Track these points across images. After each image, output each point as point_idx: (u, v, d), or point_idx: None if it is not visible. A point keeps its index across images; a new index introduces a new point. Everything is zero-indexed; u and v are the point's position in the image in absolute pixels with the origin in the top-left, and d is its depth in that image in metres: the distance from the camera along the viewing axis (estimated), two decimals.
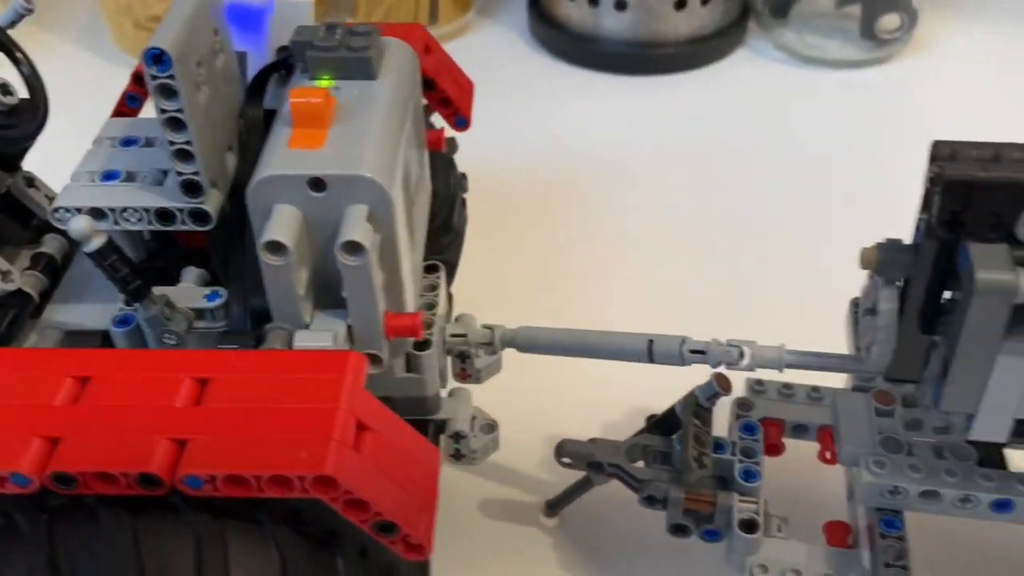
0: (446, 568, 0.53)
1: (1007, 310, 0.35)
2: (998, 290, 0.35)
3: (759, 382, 0.52)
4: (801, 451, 0.51)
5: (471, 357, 0.53)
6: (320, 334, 0.38)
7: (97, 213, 0.41)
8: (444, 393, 0.50)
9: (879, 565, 0.41)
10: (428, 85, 0.55)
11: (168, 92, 0.38)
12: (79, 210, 0.40)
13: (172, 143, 0.39)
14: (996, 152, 0.35)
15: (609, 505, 0.56)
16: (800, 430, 0.50)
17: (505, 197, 0.80)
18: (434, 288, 0.50)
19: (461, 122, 0.57)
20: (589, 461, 0.49)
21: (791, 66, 0.98)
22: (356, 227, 0.37)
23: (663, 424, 0.49)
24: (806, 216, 0.77)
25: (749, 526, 0.44)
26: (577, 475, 0.53)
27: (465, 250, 0.68)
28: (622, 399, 0.59)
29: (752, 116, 0.91)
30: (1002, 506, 0.41)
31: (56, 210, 0.41)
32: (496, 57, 1.01)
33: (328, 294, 0.40)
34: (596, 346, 0.47)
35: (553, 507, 0.56)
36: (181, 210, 0.41)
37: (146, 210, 0.41)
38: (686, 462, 0.45)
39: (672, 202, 0.80)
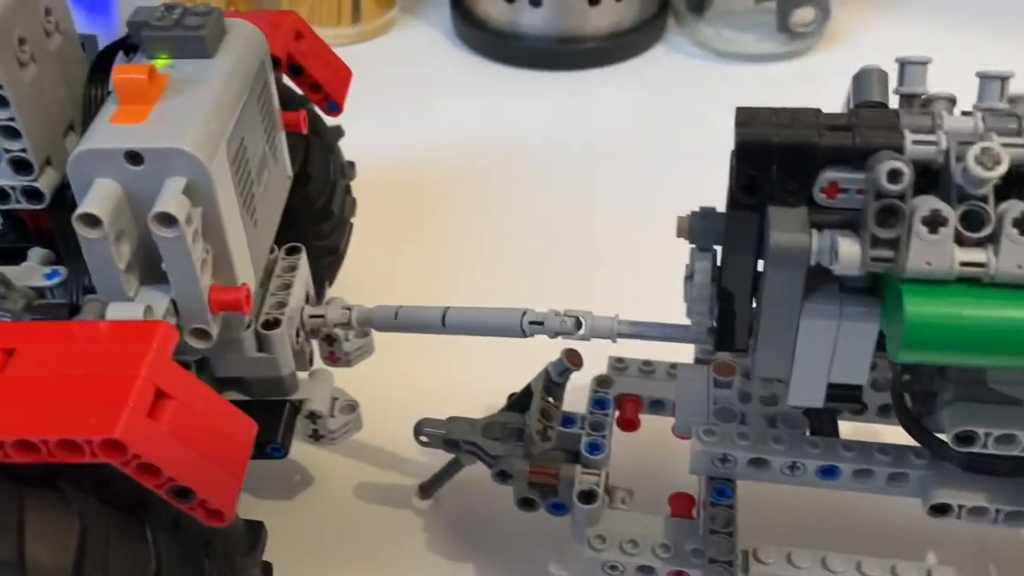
0: (318, 551, 0.53)
1: (802, 272, 0.36)
2: (792, 251, 0.35)
3: (620, 360, 0.52)
4: (662, 427, 0.52)
5: (338, 340, 0.53)
6: (132, 306, 0.38)
7: None
8: (305, 376, 0.51)
9: (706, 532, 0.42)
10: (296, 71, 0.55)
11: None
12: None
13: None
14: (793, 117, 0.36)
15: (482, 486, 0.56)
16: (657, 406, 0.51)
17: (412, 189, 0.81)
18: (293, 269, 0.50)
19: (333, 107, 0.57)
20: (445, 439, 0.50)
21: (708, 61, 0.99)
22: (170, 199, 0.37)
23: (520, 402, 0.49)
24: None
25: (587, 497, 0.44)
26: (449, 457, 0.53)
27: (362, 238, 0.68)
28: (493, 379, 0.59)
29: (670, 110, 0.92)
30: (828, 472, 0.42)
31: None
32: (418, 55, 1.01)
33: (155, 269, 0.40)
34: (449, 322, 0.48)
35: (425, 489, 0.56)
36: (14, 188, 0.41)
37: None
38: (530, 436, 0.46)
39: (587, 193, 0.80)
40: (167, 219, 0.37)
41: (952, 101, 0.38)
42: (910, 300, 0.33)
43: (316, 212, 0.59)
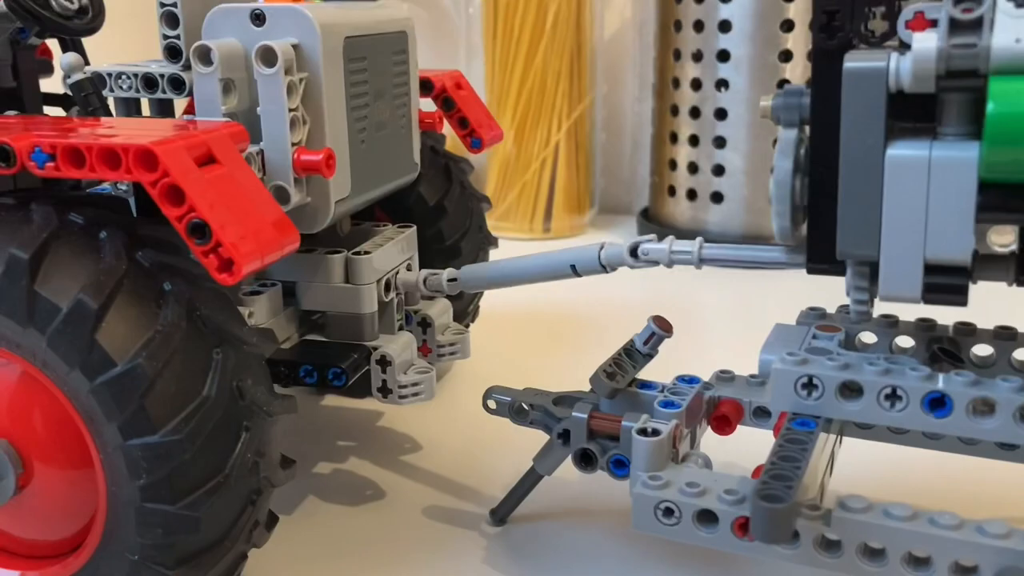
0: (381, 568, 0.48)
1: (882, 102, 0.32)
2: (867, 73, 0.32)
3: (725, 371, 0.47)
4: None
5: (432, 326, 0.52)
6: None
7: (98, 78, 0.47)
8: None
9: (771, 456, 0.34)
10: (448, 104, 0.60)
11: None
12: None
13: (162, 4, 0.45)
14: None
15: (554, 516, 0.50)
16: (762, 415, 0.44)
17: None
18: (400, 236, 0.51)
19: (476, 143, 0.60)
20: (512, 406, 0.45)
21: None
22: (276, 43, 0.40)
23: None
24: None
25: (645, 432, 0.38)
26: (520, 476, 0.48)
27: None
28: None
29: None
30: (937, 405, 0.34)
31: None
32: None
33: (255, 133, 0.42)
34: (529, 270, 0.46)
35: (497, 514, 0.50)
36: (162, 76, 0.46)
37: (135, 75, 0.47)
38: (596, 374, 0.41)
39: None
40: (268, 56, 0.40)
41: None
42: (1002, 95, 0.29)
43: (447, 248, 0.61)
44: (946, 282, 0.33)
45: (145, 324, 0.34)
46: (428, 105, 0.61)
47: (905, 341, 0.41)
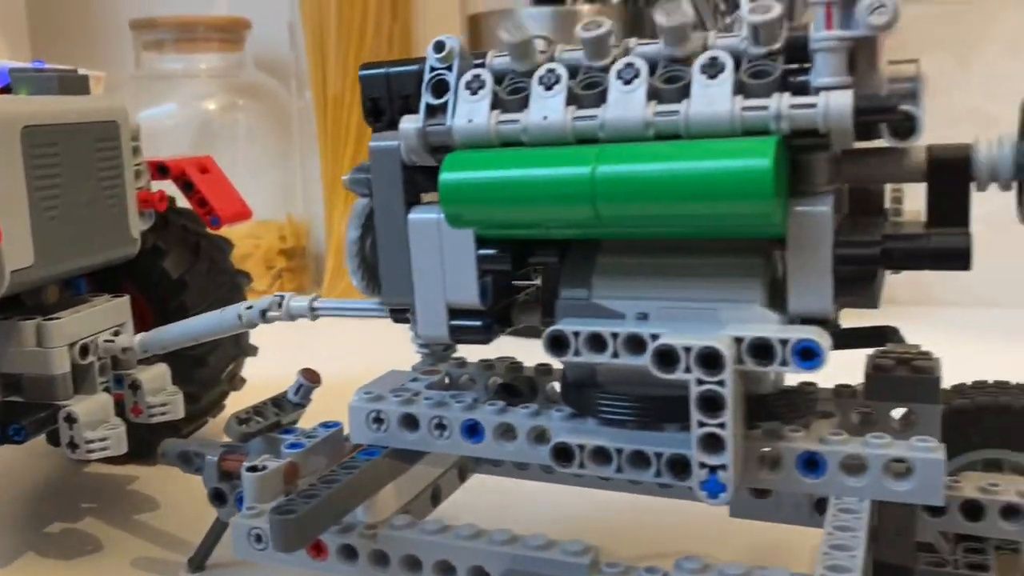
0: None
1: (398, 171, 0.38)
2: (386, 152, 0.39)
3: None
4: None
5: (141, 389, 0.56)
6: None
7: None
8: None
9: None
10: (188, 186, 0.65)
11: None
12: None
13: None
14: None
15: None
16: None
17: None
18: (103, 304, 0.56)
19: (215, 221, 0.66)
20: (179, 453, 0.50)
21: None
22: None
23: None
24: None
25: (255, 469, 0.43)
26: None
27: None
28: None
29: None
30: (471, 431, 0.40)
31: None
32: None
33: None
34: (202, 329, 0.51)
35: (194, 562, 0.54)
36: None
37: None
38: (229, 421, 0.46)
39: None
40: None
41: None
42: (448, 164, 0.35)
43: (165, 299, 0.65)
44: (466, 324, 0.39)
45: None
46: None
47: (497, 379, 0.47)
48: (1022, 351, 0.97)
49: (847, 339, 0.43)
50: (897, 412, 0.41)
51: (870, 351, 0.42)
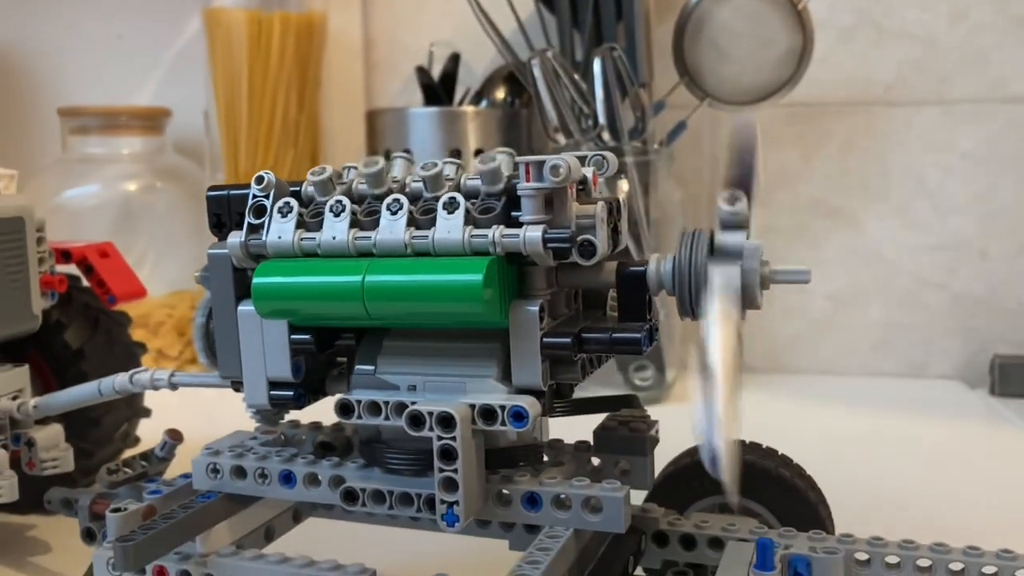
0: None
1: (230, 272, 0.49)
2: (220, 257, 0.49)
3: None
4: None
5: (35, 446, 0.66)
6: None
7: None
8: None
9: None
10: (88, 269, 0.75)
11: None
12: None
13: None
14: None
15: None
16: None
17: None
18: (5, 372, 0.66)
19: (112, 299, 0.76)
20: (61, 500, 0.59)
21: None
22: None
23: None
24: None
25: (117, 510, 0.52)
26: None
27: None
28: None
29: None
30: (286, 479, 0.50)
31: None
32: None
33: None
34: (84, 395, 0.61)
35: None
36: None
37: None
38: (100, 472, 0.56)
39: None
40: None
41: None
42: (259, 271, 0.46)
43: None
44: (282, 394, 0.50)
45: None
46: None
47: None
48: (843, 413, 1.10)
49: (598, 405, 0.55)
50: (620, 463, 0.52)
51: (608, 415, 0.54)
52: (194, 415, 0.83)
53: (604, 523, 0.45)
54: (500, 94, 1.22)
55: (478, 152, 1.15)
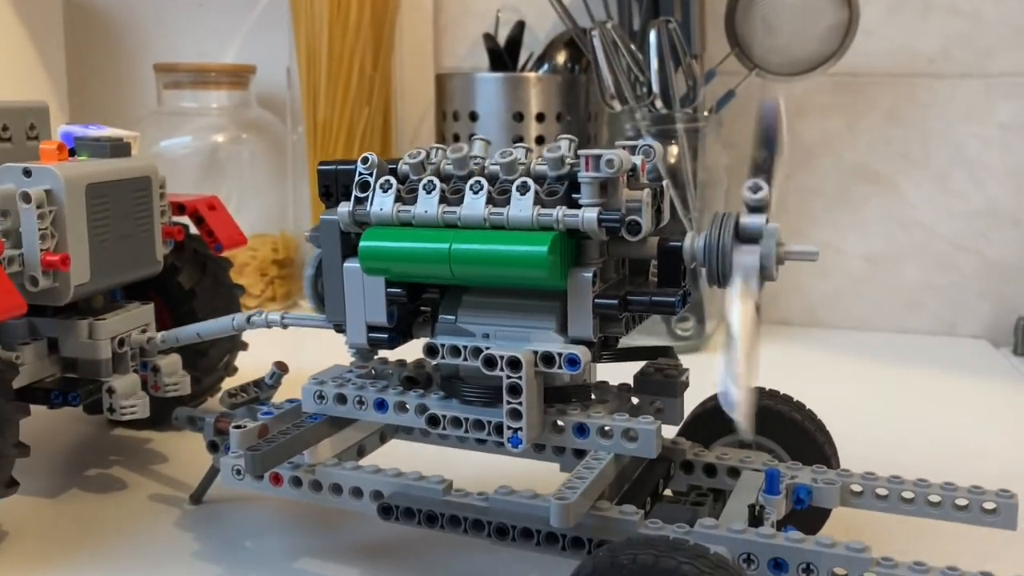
0: (94, 549, 0.72)
1: (338, 235, 0.60)
2: (330, 222, 0.60)
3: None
4: None
5: (160, 371, 0.78)
6: None
7: None
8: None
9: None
10: (199, 220, 0.87)
11: None
12: None
13: None
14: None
15: (236, 496, 0.75)
16: None
17: None
18: (135, 309, 0.77)
19: (218, 247, 0.87)
20: (187, 417, 0.71)
21: None
22: (32, 189, 0.67)
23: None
24: None
25: (239, 427, 0.64)
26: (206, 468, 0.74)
27: None
28: None
29: None
30: (380, 406, 0.61)
31: None
32: None
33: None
34: (205, 330, 0.72)
35: (194, 496, 0.75)
36: None
37: None
38: (222, 395, 0.67)
39: None
40: (27, 197, 0.67)
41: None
42: (365, 236, 0.56)
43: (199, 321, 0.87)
44: (378, 336, 0.60)
45: None
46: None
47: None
48: (872, 366, 1.18)
49: (638, 354, 0.65)
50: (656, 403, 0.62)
51: (646, 363, 0.64)
52: (276, 349, 0.95)
53: (639, 449, 0.55)
54: (561, 59, 1.31)
55: (540, 116, 1.24)
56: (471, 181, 0.55)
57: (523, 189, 0.54)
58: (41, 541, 0.69)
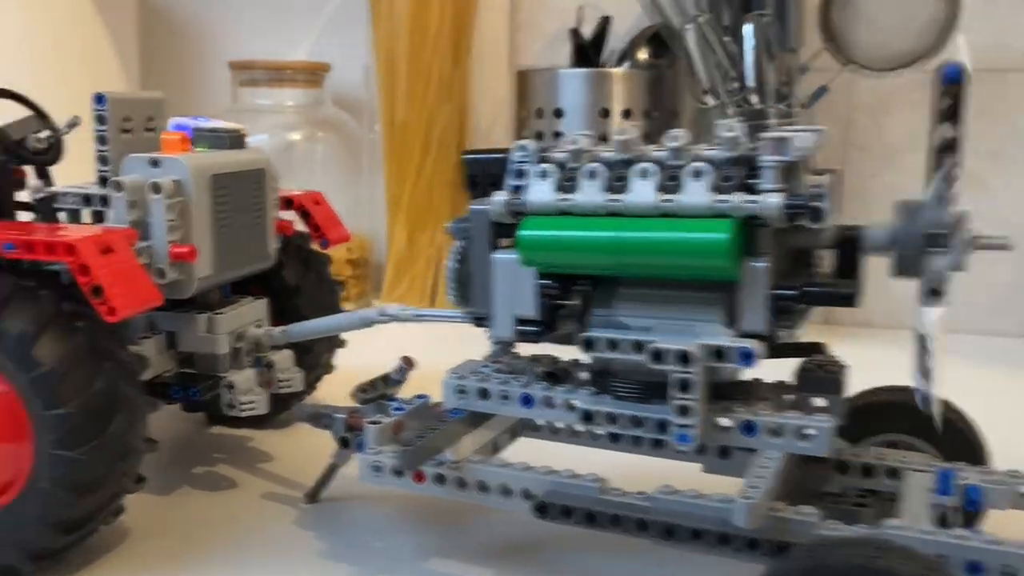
0: (211, 546, 0.71)
1: (488, 226, 0.58)
2: (481, 213, 0.58)
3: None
4: None
5: (274, 367, 0.76)
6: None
7: None
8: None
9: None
10: (305, 214, 0.85)
11: None
12: None
13: (98, 151, 0.71)
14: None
15: (353, 495, 0.73)
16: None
17: None
18: (251, 303, 0.76)
19: (324, 243, 0.85)
20: (309, 414, 0.69)
21: None
22: (162, 181, 0.66)
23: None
24: None
25: (374, 423, 0.62)
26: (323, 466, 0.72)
27: None
28: None
29: None
30: (526, 401, 0.59)
31: None
32: None
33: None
34: (327, 327, 0.70)
35: (310, 495, 0.74)
36: (95, 196, 0.71)
37: (78, 194, 0.72)
38: (353, 390, 0.66)
39: None
40: (156, 188, 0.65)
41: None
42: (524, 225, 0.54)
43: (303, 317, 0.85)
44: (527, 329, 0.58)
45: (62, 344, 0.57)
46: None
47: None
48: (967, 370, 1.15)
49: (791, 351, 0.62)
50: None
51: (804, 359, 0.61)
52: (370, 347, 0.93)
53: (812, 448, 0.52)
54: (643, 55, 1.28)
55: (626, 113, 1.21)
56: (640, 166, 0.53)
57: (698, 175, 0.52)
58: (165, 539, 0.68)
